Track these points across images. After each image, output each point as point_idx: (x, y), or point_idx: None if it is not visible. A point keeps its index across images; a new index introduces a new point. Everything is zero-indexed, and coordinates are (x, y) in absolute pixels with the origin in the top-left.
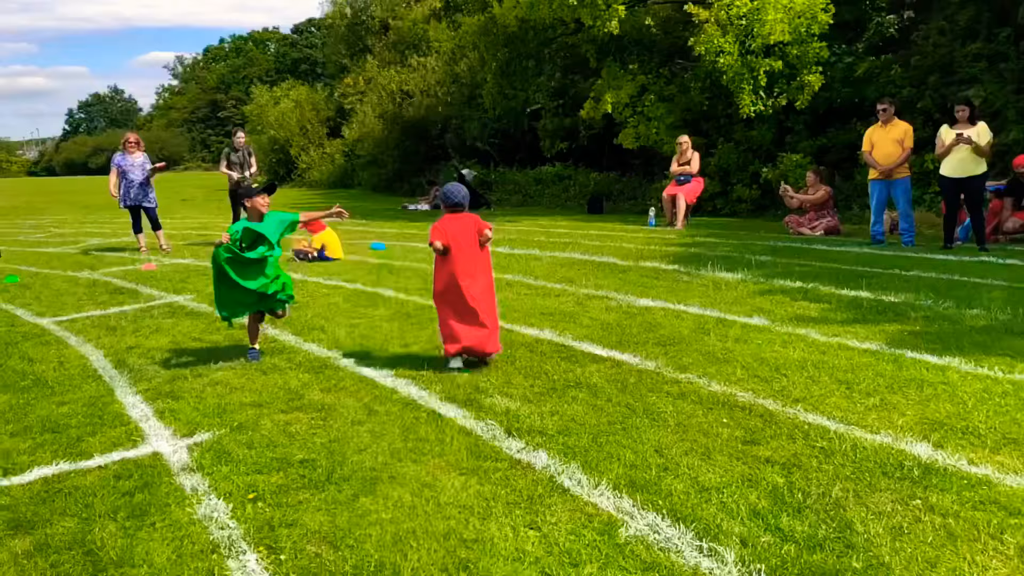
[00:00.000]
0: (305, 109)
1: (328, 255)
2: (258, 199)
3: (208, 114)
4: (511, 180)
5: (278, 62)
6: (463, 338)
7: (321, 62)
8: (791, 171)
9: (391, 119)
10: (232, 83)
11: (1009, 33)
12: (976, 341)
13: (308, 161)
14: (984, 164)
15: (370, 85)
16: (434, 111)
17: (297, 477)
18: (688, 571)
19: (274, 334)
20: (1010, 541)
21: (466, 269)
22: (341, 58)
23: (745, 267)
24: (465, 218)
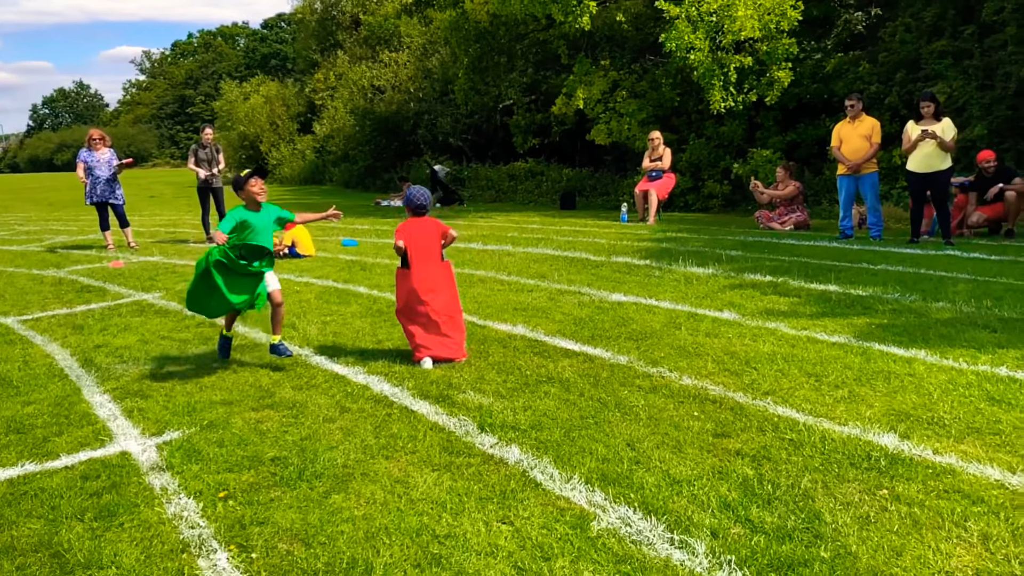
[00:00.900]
0: (275, 105)
1: (299, 251)
2: (251, 185)
3: (176, 110)
4: (484, 176)
5: (248, 57)
6: (432, 348)
7: (291, 57)
8: (761, 167)
9: (362, 115)
10: (201, 78)
11: (973, 30)
12: (941, 333)
13: (279, 157)
14: (949, 159)
15: (341, 81)
16: (406, 107)
17: (268, 475)
18: (659, 563)
19: (244, 331)
20: (973, 528)
21: (428, 283)
22: (311, 53)
23: (716, 262)
24: (428, 222)
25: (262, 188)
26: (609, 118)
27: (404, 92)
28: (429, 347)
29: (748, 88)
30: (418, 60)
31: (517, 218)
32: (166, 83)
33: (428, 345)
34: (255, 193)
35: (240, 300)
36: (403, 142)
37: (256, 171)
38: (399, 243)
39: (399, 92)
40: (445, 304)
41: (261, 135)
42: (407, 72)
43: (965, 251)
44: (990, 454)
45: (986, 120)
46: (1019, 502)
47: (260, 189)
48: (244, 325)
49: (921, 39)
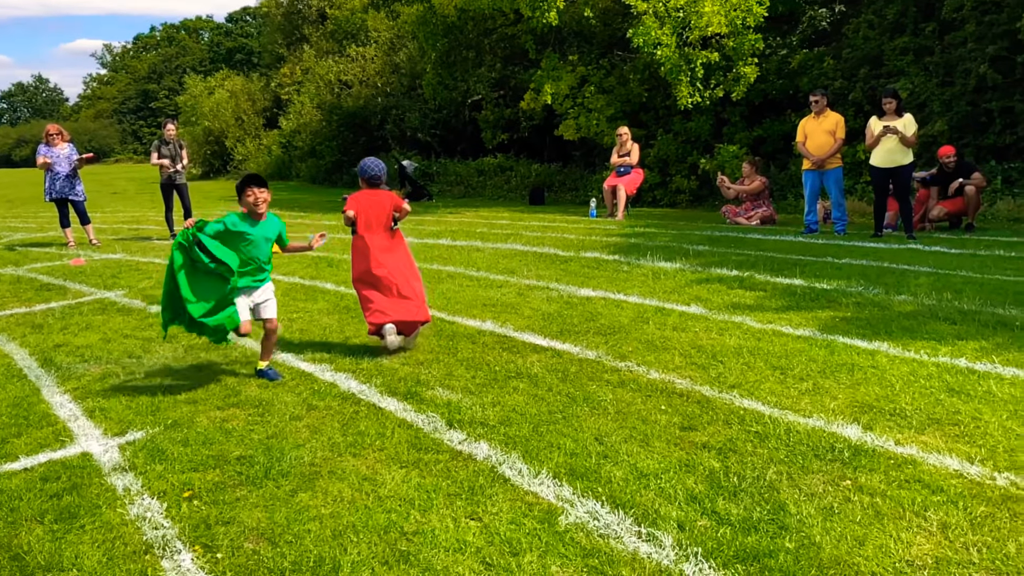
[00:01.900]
0: (241, 99)
1: None
2: (246, 194)
3: (139, 104)
4: (453, 171)
5: (212, 51)
6: (391, 312)
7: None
8: (728, 162)
9: (329, 110)
10: (164, 73)
11: (934, 28)
12: (904, 326)
13: (244, 153)
14: (911, 154)
15: (307, 75)
16: (373, 102)
17: (234, 474)
18: (627, 556)
19: None
20: (933, 518)
21: (381, 246)
22: (277, 48)
23: (683, 257)
24: (381, 194)
25: (259, 197)
26: (577, 113)
27: (371, 87)
28: (387, 312)
29: (715, 84)
30: (385, 55)
31: (486, 214)
32: (128, 77)
33: (386, 310)
34: (251, 202)
35: (201, 310)
36: (371, 137)
37: (249, 179)
38: (349, 212)
39: (366, 87)
40: (401, 266)
41: (226, 130)
42: (374, 67)
43: (927, 245)
44: (949, 444)
45: (946, 116)
46: (977, 491)
47: (258, 199)
48: None
49: (883, 36)
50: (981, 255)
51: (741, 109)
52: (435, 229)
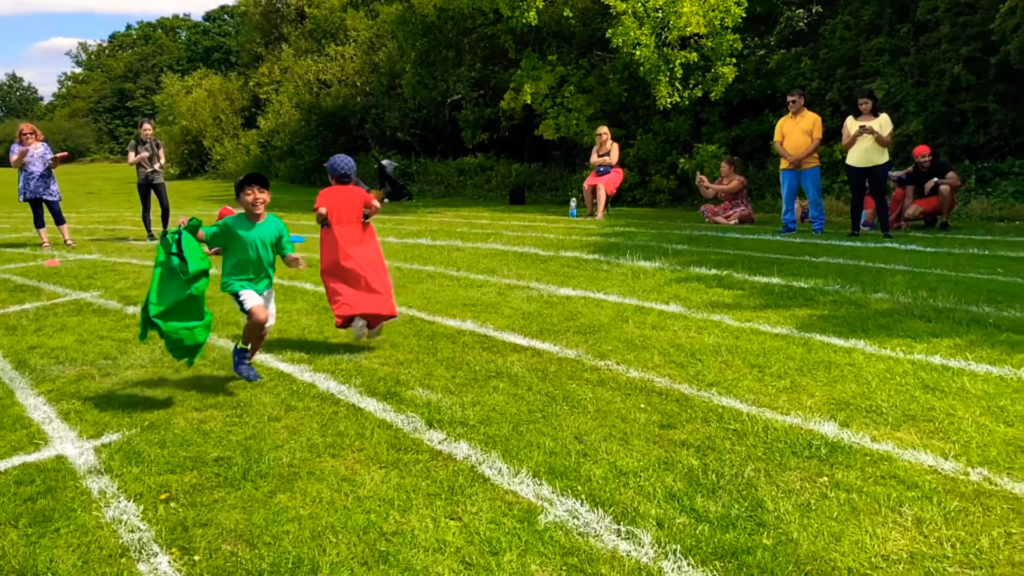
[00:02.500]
0: (219, 99)
1: None
2: (245, 194)
3: (115, 103)
4: (433, 171)
5: (189, 50)
6: (357, 305)
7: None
8: (707, 161)
9: (308, 109)
10: (141, 71)
11: (909, 29)
12: (880, 324)
13: (222, 152)
14: (887, 154)
15: (286, 74)
16: (353, 101)
17: (212, 475)
18: (606, 555)
19: None
20: (908, 513)
21: (350, 239)
22: (256, 47)
23: (663, 256)
24: (351, 190)
25: (258, 197)
26: (557, 113)
27: (351, 86)
28: (354, 305)
29: (694, 84)
30: (365, 54)
31: (466, 213)
32: (104, 76)
33: (353, 303)
34: (248, 202)
35: (156, 310)
36: (350, 137)
37: (250, 178)
38: (320, 210)
39: (346, 86)
40: (370, 259)
41: (204, 130)
42: (354, 66)
43: (902, 243)
44: (924, 440)
45: (922, 116)
46: (951, 487)
47: (256, 199)
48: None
49: (860, 36)
50: (955, 253)
51: (720, 109)
52: (415, 229)
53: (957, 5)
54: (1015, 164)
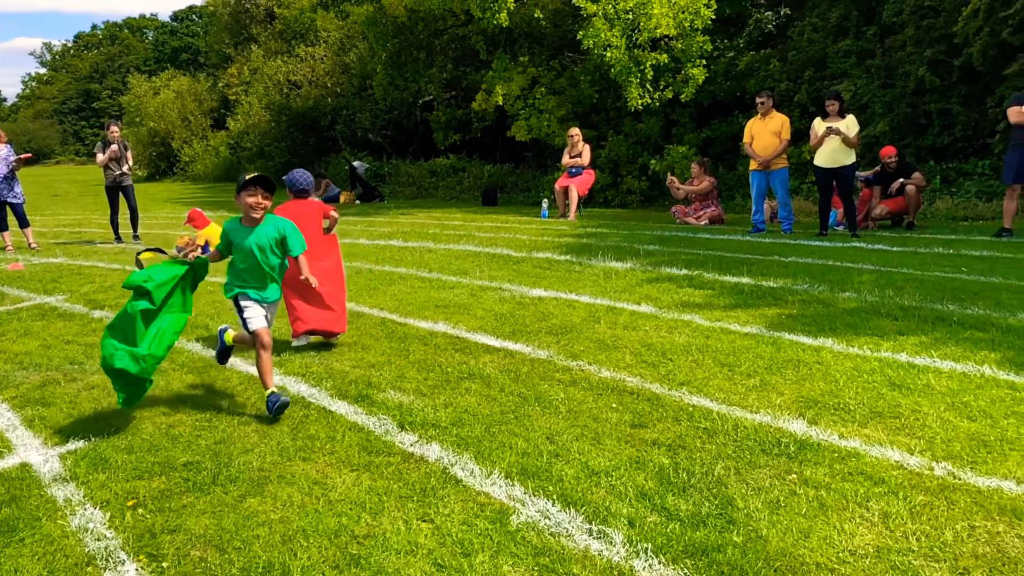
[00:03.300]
0: (187, 100)
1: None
2: (246, 195)
3: (81, 104)
4: (405, 172)
5: (157, 51)
6: (309, 320)
7: (204, 51)
8: (678, 163)
9: (278, 110)
10: (107, 72)
11: (875, 31)
12: (848, 322)
13: (191, 154)
14: (853, 155)
15: (256, 75)
16: (323, 102)
17: (181, 481)
18: (578, 554)
19: None
20: (875, 508)
21: (312, 254)
22: (224, 47)
23: (634, 256)
24: (310, 204)
25: (257, 201)
26: (529, 114)
27: (321, 87)
28: (308, 320)
29: (664, 85)
30: (335, 55)
31: (438, 214)
32: (69, 76)
33: (308, 319)
34: (248, 205)
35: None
36: (321, 138)
37: (255, 180)
38: None
39: (316, 87)
40: (330, 274)
41: (172, 131)
42: (324, 67)
43: (869, 243)
44: (891, 437)
45: (888, 117)
46: (916, 481)
47: (256, 202)
48: None
49: (827, 39)
50: (921, 252)
51: (690, 110)
52: (387, 230)
53: (921, 8)
54: (978, 165)
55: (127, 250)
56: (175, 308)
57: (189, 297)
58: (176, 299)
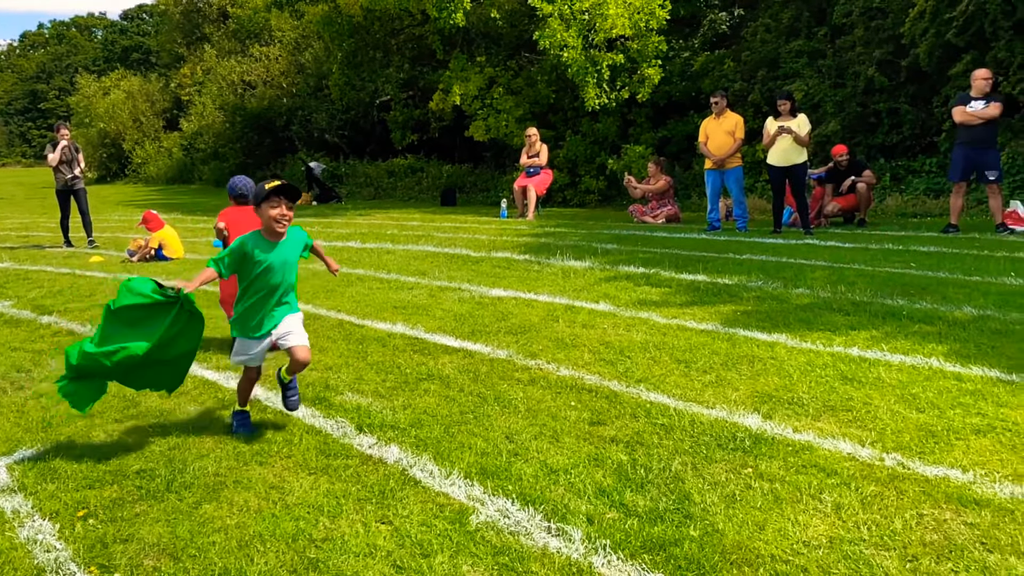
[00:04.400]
0: (138, 100)
1: (166, 254)
2: (270, 206)
3: (27, 105)
4: (362, 173)
5: (106, 50)
6: None
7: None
8: (635, 162)
9: (233, 111)
10: (54, 72)
11: (826, 32)
12: (801, 318)
13: (143, 156)
14: (805, 153)
15: (209, 75)
16: (279, 102)
17: (133, 489)
18: (537, 552)
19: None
20: (828, 500)
21: None
22: (176, 47)
23: (592, 255)
24: (251, 210)
25: (282, 213)
26: (487, 115)
27: (276, 87)
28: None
29: (621, 85)
30: (290, 55)
31: (397, 215)
32: (15, 76)
33: None
34: (272, 218)
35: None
36: (276, 139)
37: (279, 188)
38: (220, 224)
39: (271, 87)
40: None
41: (124, 132)
42: (279, 67)
43: (822, 240)
44: (843, 429)
45: (839, 116)
46: (867, 472)
47: (280, 214)
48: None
49: (779, 39)
50: (872, 249)
51: (646, 110)
52: (344, 232)
53: (870, 10)
54: (926, 163)
55: (77, 254)
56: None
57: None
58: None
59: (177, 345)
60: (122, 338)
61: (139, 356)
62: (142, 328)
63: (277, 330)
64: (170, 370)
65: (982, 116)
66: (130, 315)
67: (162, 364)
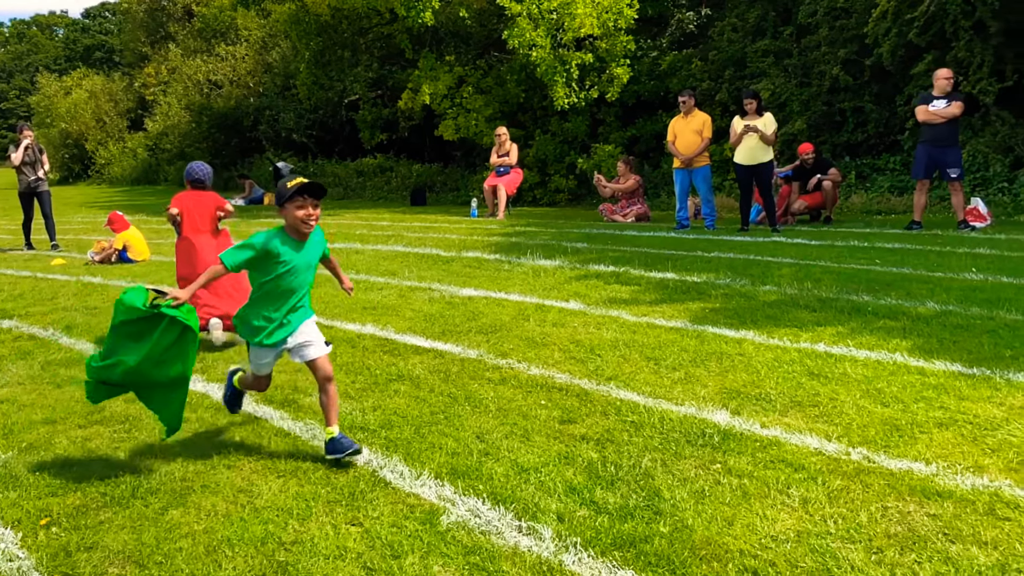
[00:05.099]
0: (101, 100)
1: (130, 256)
2: (295, 205)
3: None
4: (331, 172)
5: (68, 49)
6: (219, 306)
7: (118, 50)
8: (604, 161)
9: (199, 111)
10: (14, 71)
11: (792, 31)
12: (768, 314)
13: (107, 156)
14: (771, 152)
15: (174, 75)
16: (246, 102)
17: (98, 496)
18: (508, 551)
19: (68, 344)
20: (795, 494)
21: (208, 246)
22: (140, 46)
23: (562, 254)
24: (205, 195)
25: (309, 214)
26: (456, 114)
27: (243, 87)
28: (215, 307)
29: (590, 85)
30: (257, 54)
31: (366, 215)
32: None
33: (214, 304)
34: (299, 219)
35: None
36: (244, 139)
37: (305, 187)
38: (172, 210)
39: (238, 87)
40: None
41: (86, 133)
42: (246, 66)
43: (789, 237)
44: (810, 425)
45: (805, 115)
46: (833, 467)
47: (307, 215)
48: (69, 337)
49: (746, 39)
50: (838, 246)
51: (615, 109)
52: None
53: (834, 10)
54: (890, 160)
55: (39, 256)
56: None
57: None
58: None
59: (170, 364)
60: (123, 351)
61: (132, 366)
62: (140, 341)
63: (293, 339)
64: (169, 398)
65: (944, 115)
66: (128, 329)
67: (162, 387)
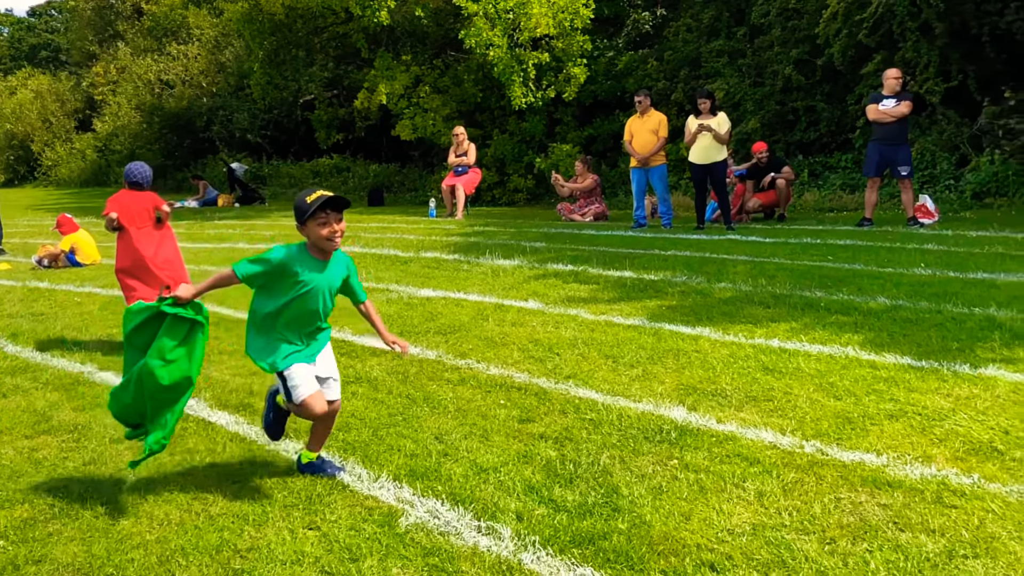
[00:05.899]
0: (48, 100)
1: (79, 260)
2: (318, 222)
3: None
4: (286, 173)
5: (13, 48)
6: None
7: (65, 49)
8: (562, 161)
9: (150, 111)
10: None
11: (745, 32)
12: (724, 311)
13: (54, 158)
14: (725, 151)
15: (124, 74)
16: (199, 102)
17: (46, 508)
18: (467, 552)
19: (14, 352)
20: (751, 488)
21: (147, 242)
22: (88, 45)
23: (521, 254)
24: (143, 196)
25: (333, 231)
26: (413, 113)
27: (196, 87)
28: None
29: (547, 84)
30: (210, 53)
31: None
32: None
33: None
34: (323, 236)
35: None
36: (196, 139)
37: (329, 201)
38: (111, 215)
39: (190, 87)
40: (169, 260)
41: (32, 134)
42: (198, 66)
43: (744, 235)
44: (764, 419)
45: (759, 114)
46: (788, 460)
47: (331, 232)
48: (15, 345)
49: (701, 39)
50: (792, 243)
51: (572, 109)
52: (269, 233)
53: (787, 11)
54: (841, 159)
55: None
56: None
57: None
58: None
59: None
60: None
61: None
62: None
63: (321, 360)
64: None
65: (894, 114)
66: (137, 340)
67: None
